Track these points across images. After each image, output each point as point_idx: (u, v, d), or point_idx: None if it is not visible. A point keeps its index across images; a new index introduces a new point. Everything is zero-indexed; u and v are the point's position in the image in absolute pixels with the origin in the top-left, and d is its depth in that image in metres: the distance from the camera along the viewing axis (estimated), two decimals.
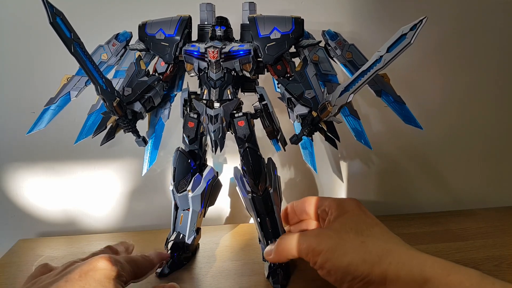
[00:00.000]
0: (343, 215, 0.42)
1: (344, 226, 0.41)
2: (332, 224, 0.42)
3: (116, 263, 0.38)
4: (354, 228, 0.40)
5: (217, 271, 0.51)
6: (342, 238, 0.39)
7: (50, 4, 0.37)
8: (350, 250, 0.38)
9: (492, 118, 0.76)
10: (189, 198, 0.50)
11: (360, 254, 0.37)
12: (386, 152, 0.73)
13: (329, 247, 0.38)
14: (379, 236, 0.40)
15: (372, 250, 0.37)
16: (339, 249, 0.38)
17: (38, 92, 0.55)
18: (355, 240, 0.39)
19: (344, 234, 0.39)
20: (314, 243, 0.40)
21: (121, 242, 0.47)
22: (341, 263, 0.37)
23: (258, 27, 0.46)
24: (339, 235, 0.39)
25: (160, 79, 0.49)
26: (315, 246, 0.39)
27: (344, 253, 0.38)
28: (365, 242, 0.38)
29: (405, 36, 0.38)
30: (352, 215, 0.42)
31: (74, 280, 0.35)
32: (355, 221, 0.41)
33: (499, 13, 0.71)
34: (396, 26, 0.38)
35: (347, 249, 0.38)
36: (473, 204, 0.75)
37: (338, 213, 0.43)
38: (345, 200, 0.45)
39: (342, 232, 0.40)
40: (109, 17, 0.62)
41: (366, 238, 0.39)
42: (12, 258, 0.56)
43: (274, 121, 0.50)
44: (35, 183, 0.66)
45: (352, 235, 0.39)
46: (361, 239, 0.39)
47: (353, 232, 0.40)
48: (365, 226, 0.41)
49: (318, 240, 0.40)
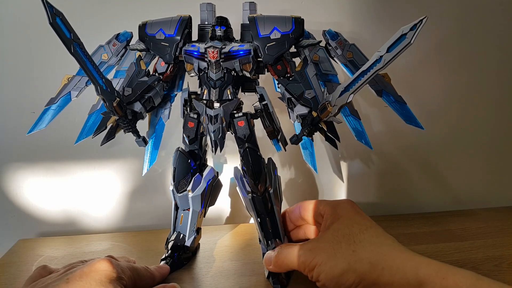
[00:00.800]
0: (337, 221, 0.43)
1: (337, 234, 0.41)
2: (325, 233, 0.43)
3: (117, 266, 0.38)
4: (347, 234, 0.41)
5: (217, 271, 0.51)
6: (334, 249, 0.40)
7: (50, 5, 0.37)
8: (341, 260, 0.39)
9: (492, 118, 0.76)
10: (189, 198, 0.50)
11: (351, 264, 0.38)
12: (386, 152, 0.73)
13: (322, 260, 0.39)
14: (372, 239, 0.40)
15: (364, 258, 0.38)
16: (331, 261, 0.39)
17: (38, 92, 0.55)
18: (346, 250, 0.39)
19: (336, 244, 0.40)
20: (309, 258, 0.41)
21: (123, 256, 0.48)
22: (334, 275, 0.38)
23: (258, 27, 0.46)
24: (331, 246, 0.40)
25: (160, 79, 0.49)
26: (310, 261, 0.40)
27: (336, 264, 0.38)
28: (356, 251, 0.39)
29: (405, 36, 0.38)
30: (346, 219, 0.43)
31: (75, 281, 0.36)
32: (349, 225, 0.42)
33: (499, 13, 0.71)
34: (396, 26, 0.38)
35: (339, 260, 0.39)
36: (474, 204, 0.75)
37: (332, 218, 0.43)
38: (339, 203, 0.45)
39: (334, 242, 0.40)
40: (109, 17, 0.62)
41: (358, 244, 0.40)
42: (12, 258, 0.56)
43: (274, 121, 0.50)
44: (35, 183, 0.66)
45: (344, 245, 0.40)
46: (352, 248, 0.39)
47: (345, 240, 0.40)
48: (358, 229, 0.41)
49: (312, 255, 0.40)
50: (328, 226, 0.43)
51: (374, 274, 0.37)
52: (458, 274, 0.35)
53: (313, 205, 0.48)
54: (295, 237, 0.51)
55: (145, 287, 0.43)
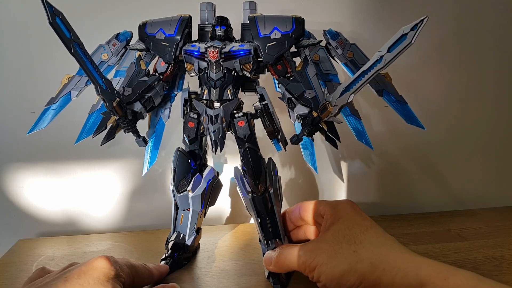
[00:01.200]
0: (337, 221, 0.43)
1: (337, 235, 0.41)
2: (326, 234, 0.42)
3: (115, 263, 0.38)
4: (347, 235, 0.41)
5: (217, 271, 0.51)
6: (334, 250, 0.40)
7: (50, 5, 0.37)
8: (342, 261, 0.38)
9: (493, 118, 0.76)
10: (189, 198, 0.50)
11: (352, 264, 0.38)
12: (386, 152, 0.73)
13: (323, 261, 0.39)
14: (373, 240, 0.40)
15: (364, 258, 0.38)
16: (331, 262, 0.39)
17: (38, 92, 0.55)
18: (347, 250, 0.39)
19: (337, 245, 0.40)
20: (310, 258, 0.40)
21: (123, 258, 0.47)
22: (334, 275, 0.38)
23: (258, 26, 0.46)
24: (332, 247, 0.40)
25: (160, 79, 0.49)
26: (310, 261, 0.40)
27: (337, 265, 0.38)
28: (356, 251, 0.39)
29: (405, 36, 0.37)
30: (346, 220, 0.43)
31: (73, 279, 0.36)
32: (349, 226, 0.42)
33: (499, 13, 0.71)
34: (397, 26, 0.38)
35: (339, 260, 0.39)
36: (474, 204, 0.75)
37: (332, 219, 0.43)
38: (339, 203, 0.45)
39: (335, 242, 0.40)
40: (109, 17, 0.62)
41: (358, 245, 0.39)
42: (12, 258, 0.56)
43: (274, 121, 0.49)
44: (35, 183, 0.66)
45: (344, 245, 0.40)
46: (353, 248, 0.39)
47: (345, 241, 0.40)
48: (359, 230, 0.41)
49: (313, 255, 0.40)
50: (328, 226, 0.43)
51: (375, 275, 0.37)
52: (460, 275, 0.35)
53: (312, 205, 0.48)
54: (295, 238, 0.51)
55: (144, 285, 0.43)
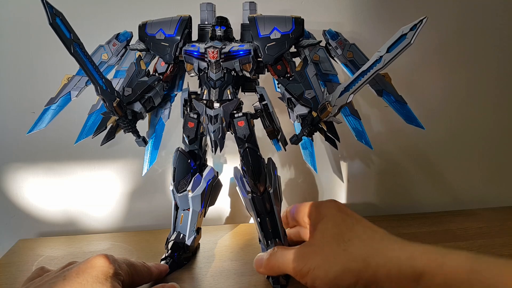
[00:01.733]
0: (321, 220, 0.42)
1: (325, 235, 0.40)
2: (314, 236, 0.41)
3: (113, 262, 0.38)
4: (335, 234, 0.40)
5: (217, 271, 0.51)
6: (325, 252, 0.39)
7: (50, 5, 0.37)
8: (334, 262, 0.37)
9: (492, 118, 0.76)
10: (189, 198, 0.50)
11: (345, 264, 0.37)
12: (386, 152, 0.73)
13: (315, 265, 0.38)
14: (361, 235, 0.39)
15: (356, 256, 0.37)
16: (324, 265, 0.38)
17: (38, 92, 0.55)
18: (337, 250, 0.38)
19: (326, 246, 0.39)
20: (301, 264, 0.39)
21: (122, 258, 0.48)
22: (329, 278, 0.37)
23: (258, 27, 0.46)
24: (322, 249, 0.39)
25: (160, 79, 0.49)
26: (302, 267, 0.39)
27: (330, 267, 0.37)
28: (347, 250, 0.38)
29: (405, 36, 0.38)
30: (330, 218, 0.41)
31: (72, 278, 0.36)
32: (336, 224, 0.41)
33: (499, 13, 0.71)
34: (397, 26, 0.38)
35: (331, 262, 0.38)
36: (474, 204, 0.75)
37: (317, 219, 0.42)
38: (322, 203, 0.44)
39: (324, 244, 0.39)
40: (109, 17, 0.62)
41: (347, 243, 0.38)
42: (12, 258, 0.56)
43: (274, 121, 0.50)
44: (35, 183, 0.66)
45: (334, 245, 0.39)
46: (343, 247, 0.38)
47: (334, 240, 0.39)
48: (346, 227, 0.40)
49: (304, 261, 0.39)
50: (314, 226, 0.42)
51: (369, 271, 0.36)
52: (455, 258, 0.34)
53: (302, 207, 0.47)
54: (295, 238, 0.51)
55: (143, 283, 0.43)
